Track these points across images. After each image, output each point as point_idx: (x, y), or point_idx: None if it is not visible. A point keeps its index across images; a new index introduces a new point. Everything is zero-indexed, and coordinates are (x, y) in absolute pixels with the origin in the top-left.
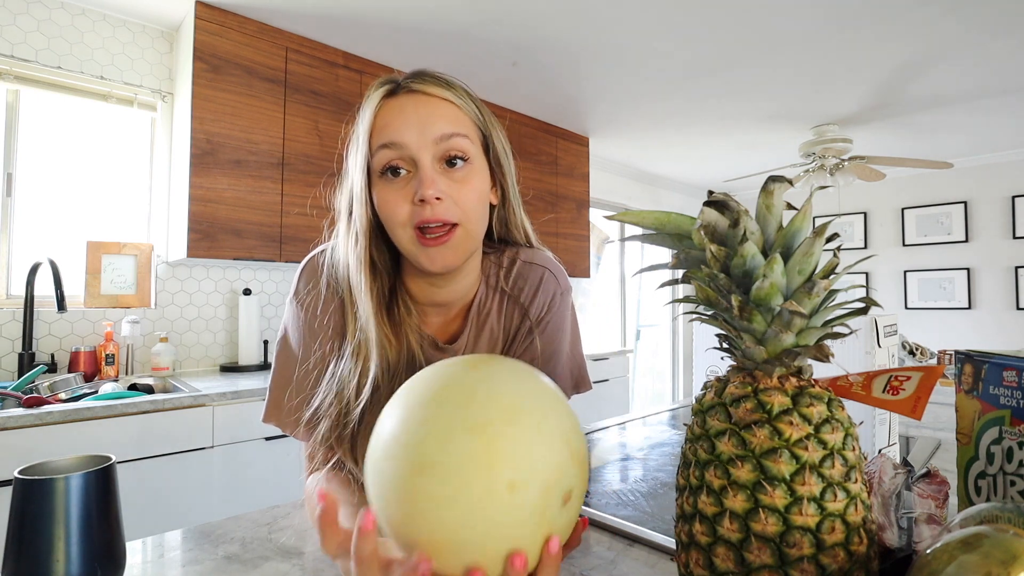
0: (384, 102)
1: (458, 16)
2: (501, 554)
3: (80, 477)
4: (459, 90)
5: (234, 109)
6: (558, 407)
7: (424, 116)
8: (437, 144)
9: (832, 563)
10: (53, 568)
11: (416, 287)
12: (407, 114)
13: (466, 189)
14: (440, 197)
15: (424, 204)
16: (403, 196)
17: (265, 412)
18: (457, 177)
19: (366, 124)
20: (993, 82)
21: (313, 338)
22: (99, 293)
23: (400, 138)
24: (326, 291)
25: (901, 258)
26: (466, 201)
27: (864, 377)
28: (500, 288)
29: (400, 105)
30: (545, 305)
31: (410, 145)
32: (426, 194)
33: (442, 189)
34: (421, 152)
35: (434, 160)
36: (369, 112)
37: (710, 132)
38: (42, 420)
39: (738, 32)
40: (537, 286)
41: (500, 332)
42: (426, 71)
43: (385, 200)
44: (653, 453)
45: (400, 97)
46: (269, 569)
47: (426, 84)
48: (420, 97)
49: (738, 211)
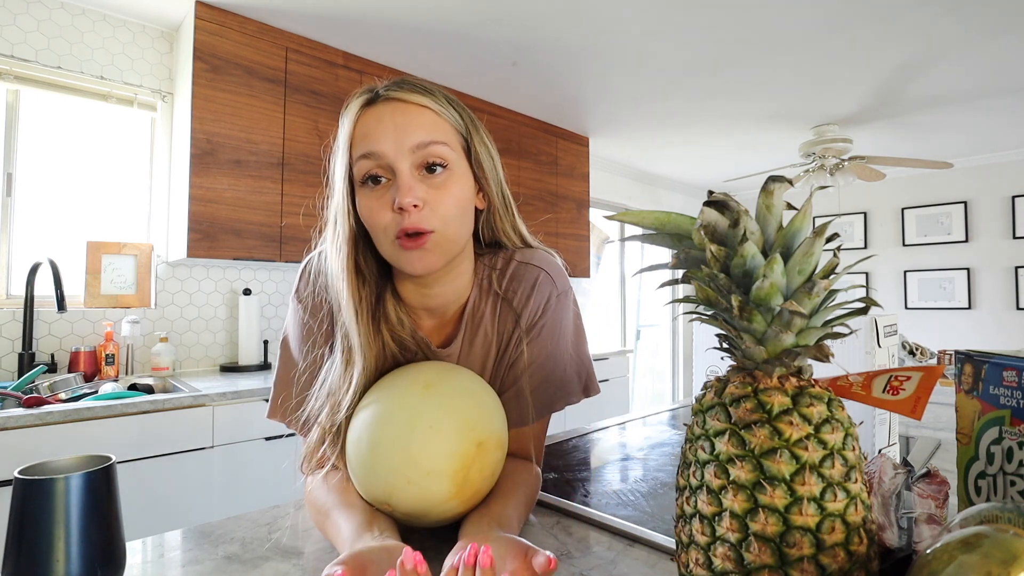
0: (363, 111)
1: (458, 16)
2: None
3: (80, 477)
4: (438, 96)
5: (234, 109)
6: (474, 416)
7: (401, 124)
8: (414, 152)
9: (832, 563)
10: (53, 568)
11: (407, 292)
12: (384, 123)
13: (444, 195)
14: (418, 204)
15: (403, 212)
16: (384, 204)
17: (269, 408)
18: (436, 183)
19: (346, 134)
20: (993, 82)
21: (310, 338)
22: (99, 293)
23: (378, 147)
24: (317, 296)
25: (901, 258)
26: (444, 207)
27: (864, 377)
28: (494, 291)
29: (378, 114)
30: (540, 308)
31: (388, 154)
32: (403, 202)
33: (420, 196)
34: (399, 161)
35: (412, 168)
36: (348, 122)
37: (710, 132)
38: (42, 420)
39: (738, 32)
40: (531, 288)
41: (494, 336)
42: (406, 79)
43: (368, 208)
44: (653, 453)
45: (378, 106)
46: (269, 569)
47: (403, 92)
48: (398, 105)
49: (738, 211)
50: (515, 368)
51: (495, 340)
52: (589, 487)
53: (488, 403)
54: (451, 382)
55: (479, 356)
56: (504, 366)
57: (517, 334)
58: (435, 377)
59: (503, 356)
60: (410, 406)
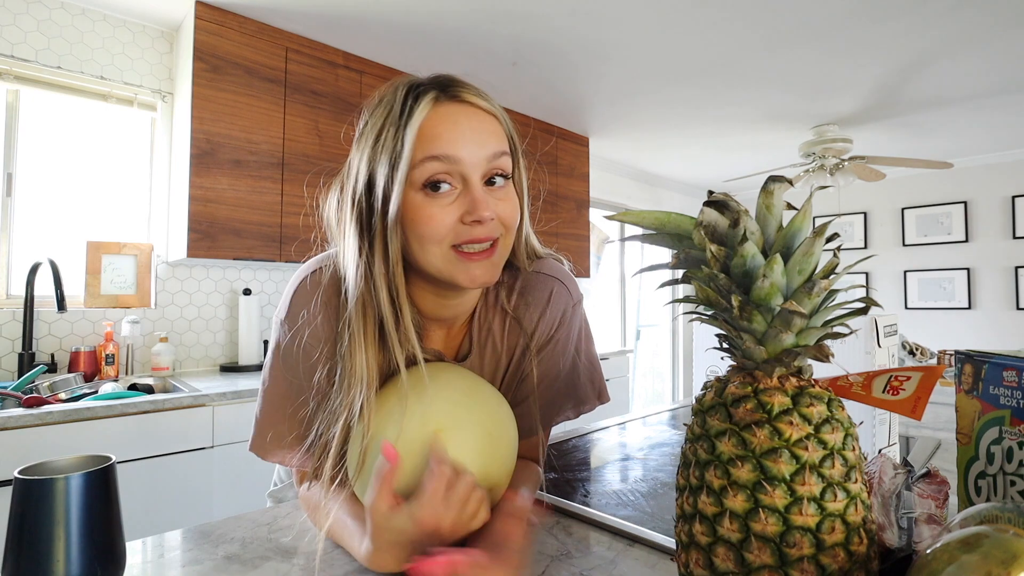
0: (433, 109)
1: (458, 16)
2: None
3: (80, 477)
4: (495, 102)
5: (234, 109)
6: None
7: (478, 130)
8: (488, 163)
9: (832, 563)
10: (53, 568)
11: (425, 301)
12: (461, 127)
13: (508, 206)
14: (493, 217)
15: (475, 224)
16: (448, 213)
17: (257, 445)
18: (498, 195)
19: (413, 131)
20: (993, 82)
21: (309, 367)
22: (99, 293)
23: (455, 152)
24: (320, 318)
25: (901, 258)
26: (508, 218)
27: (864, 377)
28: (501, 307)
29: (452, 115)
30: (556, 321)
31: (465, 161)
32: (483, 215)
33: (492, 208)
34: (474, 170)
35: (480, 179)
36: (418, 119)
37: (710, 132)
38: (42, 420)
39: (738, 32)
40: (547, 301)
41: (503, 348)
42: (458, 78)
43: (428, 216)
44: (653, 453)
45: (448, 105)
46: (269, 569)
47: (471, 94)
48: (470, 109)
49: (738, 211)
50: (527, 382)
51: (504, 352)
52: (589, 487)
53: (507, 418)
54: (478, 396)
55: (489, 368)
56: (515, 379)
57: (531, 348)
58: (463, 392)
59: (514, 368)
60: (437, 419)
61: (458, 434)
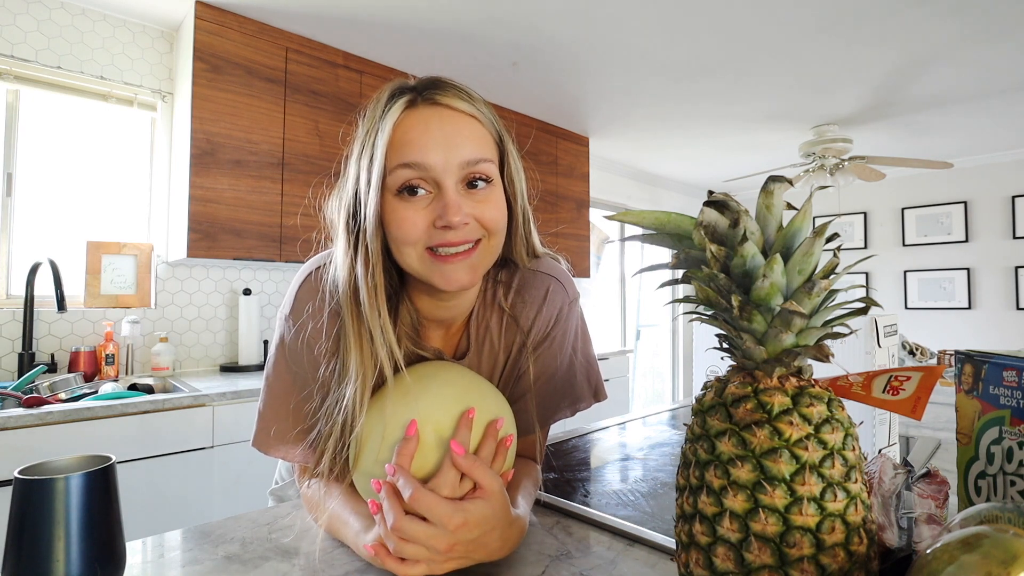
0: (404, 114)
1: (458, 16)
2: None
3: (80, 477)
4: (479, 103)
5: (234, 109)
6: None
7: (450, 135)
8: (463, 169)
9: (832, 563)
10: (53, 568)
11: (422, 302)
12: (432, 132)
13: (488, 209)
14: (467, 222)
15: (447, 229)
16: (421, 217)
17: (261, 440)
18: (479, 198)
19: (384, 137)
20: (993, 82)
21: (312, 361)
22: (99, 293)
23: (424, 159)
24: (327, 313)
25: (901, 258)
26: (490, 221)
27: (864, 377)
28: (499, 305)
29: (423, 120)
30: (552, 319)
31: (435, 167)
32: (452, 221)
33: (466, 212)
34: (446, 176)
35: (457, 183)
36: (388, 124)
37: (710, 132)
38: (42, 420)
39: (738, 32)
40: (543, 300)
41: (500, 347)
42: (443, 79)
43: (401, 219)
44: (653, 453)
45: (421, 110)
46: (269, 569)
47: (448, 96)
48: (444, 112)
49: (738, 211)
50: (524, 380)
51: (502, 351)
52: (589, 487)
53: (506, 416)
54: (476, 393)
55: (487, 366)
56: (512, 377)
57: (528, 346)
58: (461, 389)
59: (512, 366)
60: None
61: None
